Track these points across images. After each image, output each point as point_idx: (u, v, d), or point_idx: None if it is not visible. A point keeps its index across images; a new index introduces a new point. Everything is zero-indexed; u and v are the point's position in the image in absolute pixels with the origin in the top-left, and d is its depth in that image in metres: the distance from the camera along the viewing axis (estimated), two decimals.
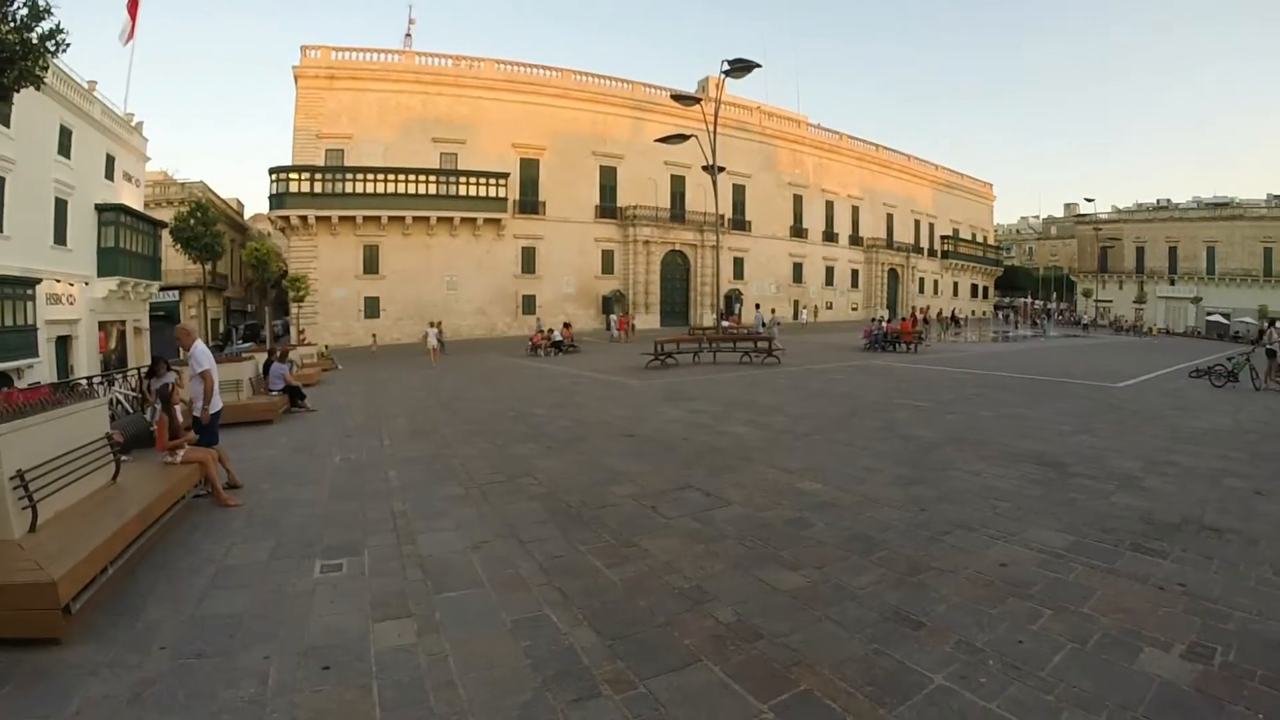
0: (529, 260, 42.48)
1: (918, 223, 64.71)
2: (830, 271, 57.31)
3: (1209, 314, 57.92)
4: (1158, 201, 74.11)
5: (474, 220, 39.62)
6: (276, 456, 9.73)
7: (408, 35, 45.31)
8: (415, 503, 7.10)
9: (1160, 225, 66.72)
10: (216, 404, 7.83)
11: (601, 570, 5.19)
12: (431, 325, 29.57)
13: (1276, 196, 63.94)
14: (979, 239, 73.20)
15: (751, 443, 9.88)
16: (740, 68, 21.40)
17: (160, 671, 3.78)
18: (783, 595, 4.70)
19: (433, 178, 38.77)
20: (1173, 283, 63.47)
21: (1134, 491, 7.42)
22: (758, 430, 10.89)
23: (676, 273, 47.46)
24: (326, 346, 30.65)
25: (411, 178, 38.22)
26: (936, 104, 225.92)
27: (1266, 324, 43.28)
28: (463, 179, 39.29)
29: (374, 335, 36.02)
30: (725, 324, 33.66)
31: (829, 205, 56.91)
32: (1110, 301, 66.79)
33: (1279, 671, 3.77)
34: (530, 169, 42.36)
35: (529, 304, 42.02)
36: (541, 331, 30.50)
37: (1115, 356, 29.05)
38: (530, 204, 42.27)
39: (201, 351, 7.66)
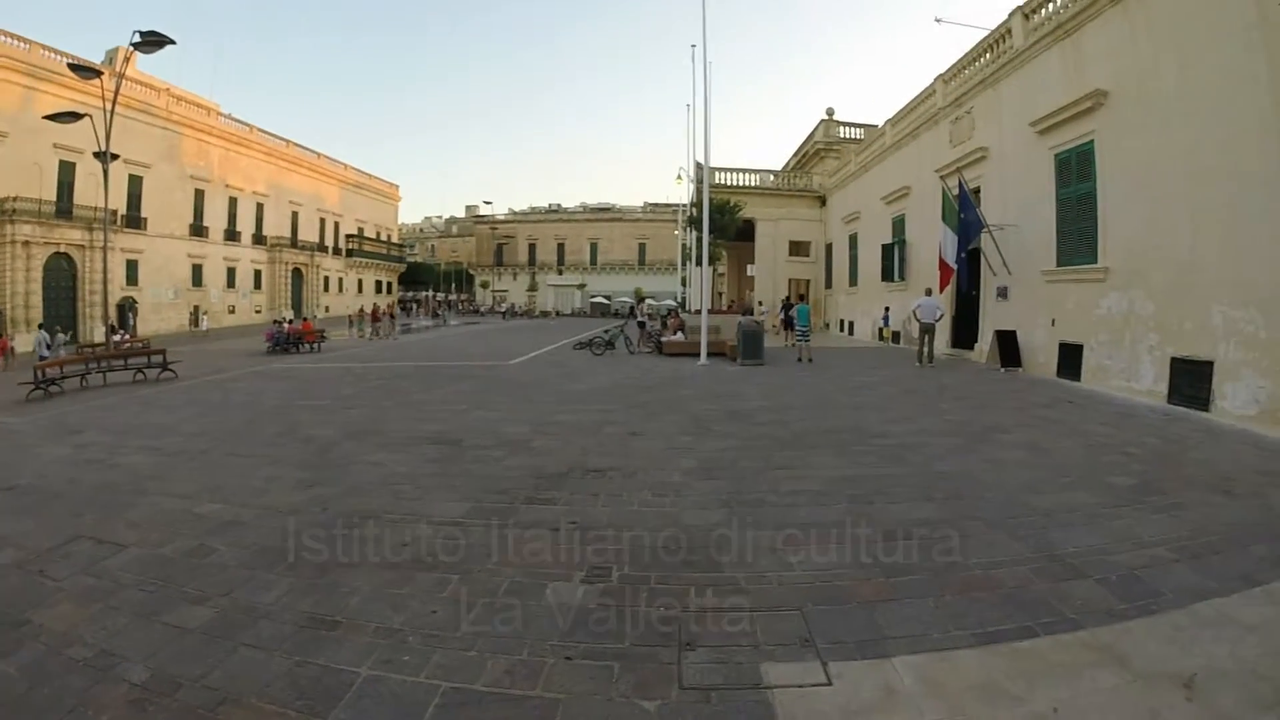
0: None
1: (323, 221, 63.29)
2: (232, 273, 51.96)
3: (593, 297, 73.05)
4: (549, 205, 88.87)
5: None
6: None
7: None
8: None
9: (551, 225, 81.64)
10: None
11: None
12: None
13: (650, 204, 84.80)
14: (384, 237, 75.25)
15: (145, 472, 8.56)
16: (153, 41, 19.19)
17: None
18: (194, 634, 4.20)
19: None
20: (561, 273, 77.77)
21: (524, 453, 8.51)
22: (151, 456, 9.51)
23: (62, 280, 37.37)
24: None
25: None
26: (348, 106, 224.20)
27: (638, 301, 55.27)
28: None
29: None
30: (118, 338, 28.79)
31: (233, 201, 51.46)
32: (506, 291, 78.11)
33: (669, 569, 4.84)
34: None
35: None
36: None
37: (509, 338, 33.10)
38: None
39: None
